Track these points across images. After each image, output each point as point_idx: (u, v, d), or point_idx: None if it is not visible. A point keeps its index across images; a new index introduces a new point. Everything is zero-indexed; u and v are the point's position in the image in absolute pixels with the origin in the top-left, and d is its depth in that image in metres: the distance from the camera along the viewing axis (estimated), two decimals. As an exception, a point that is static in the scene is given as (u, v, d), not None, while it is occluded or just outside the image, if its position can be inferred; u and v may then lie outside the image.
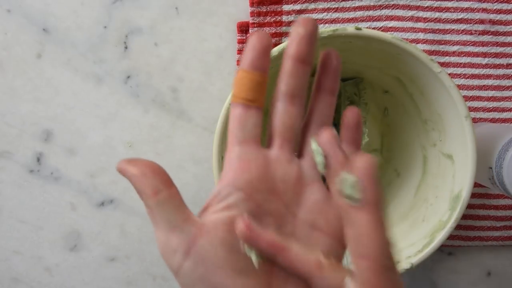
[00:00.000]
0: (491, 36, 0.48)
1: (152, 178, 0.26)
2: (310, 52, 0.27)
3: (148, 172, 0.26)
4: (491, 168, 0.41)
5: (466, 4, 0.48)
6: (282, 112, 0.28)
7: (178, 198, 0.26)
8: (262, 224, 0.26)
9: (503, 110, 0.48)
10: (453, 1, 0.48)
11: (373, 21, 0.48)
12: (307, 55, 0.27)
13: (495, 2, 0.48)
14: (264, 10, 0.48)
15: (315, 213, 0.27)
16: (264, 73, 0.27)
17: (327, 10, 0.48)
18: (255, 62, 0.27)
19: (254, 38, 0.27)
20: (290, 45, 0.27)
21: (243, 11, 0.49)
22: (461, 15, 0.48)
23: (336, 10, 0.48)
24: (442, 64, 0.48)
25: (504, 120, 0.48)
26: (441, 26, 0.48)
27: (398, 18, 0.48)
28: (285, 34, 0.48)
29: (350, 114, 0.28)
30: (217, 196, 0.26)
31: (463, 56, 0.48)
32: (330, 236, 0.27)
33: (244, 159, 0.27)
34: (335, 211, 0.27)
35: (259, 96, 0.27)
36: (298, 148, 0.29)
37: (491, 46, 0.48)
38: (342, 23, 0.48)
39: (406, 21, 0.48)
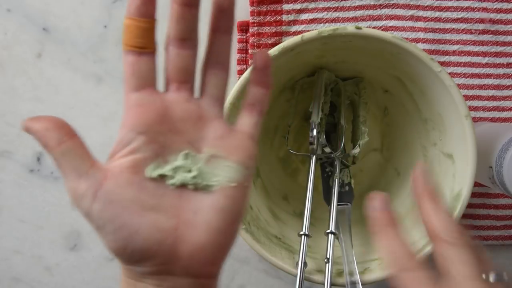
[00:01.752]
0: (491, 35, 0.48)
1: (55, 130, 0.27)
2: None
3: (50, 126, 0.27)
4: (491, 167, 0.41)
5: (466, 3, 0.48)
6: (174, 56, 0.28)
7: (83, 147, 0.28)
8: (168, 162, 0.27)
9: (503, 109, 0.48)
10: (453, 1, 0.48)
11: (373, 20, 0.48)
12: None
13: (495, 2, 0.48)
14: (264, 9, 0.48)
15: (218, 146, 0.28)
16: (151, 19, 0.28)
17: (327, 9, 0.48)
18: (140, 8, 0.27)
19: None
20: None
21: (243, 10, 0.49)
22: (461, 14, 0.48)
23: (336, 9, 0.48)
24: (442, 64, 0.48)
25: (504, 119, 0.48)
26: (441, 25, 0.48)
27: (398, 18, 0.48)
28: (285, 33, 0.48)
29: (259, 56, 0.29)
30: (120, 143, 0.28)
31: (463, 55, 0.48)
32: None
33: (142, 104, 0.28)
34: (236, 143, 0.29)
35: (148, 42, 0.28)
36: (199, 87, 0.30)
37: (491, 45, 0.48)
38: (342, 22, 0.48)
39: (406, 20, 0.48)
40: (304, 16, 0.48)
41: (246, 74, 0.40)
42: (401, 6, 0.48)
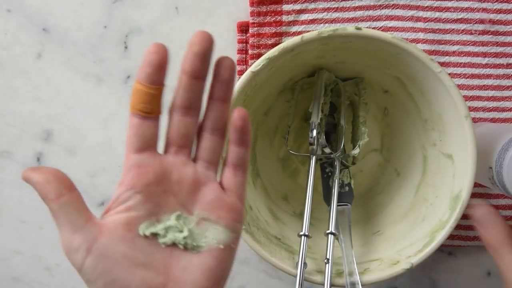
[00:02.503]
0: (491, 35, 0.48)
1: (54, 183, 0.28)
2: (204, 69, 0.29)
3: (51, 178, 0.28)
4: (491, 168, 0.41)
5: (466, 4, 0.48)
6: (177, 123, 0.30)
7: (80, 201, 0.28)
8: (160, 221, 0.29)
9: (503, 110, 0.48)
10: (453, 1, 0.48)
11: (373, 21, 0.48)
12: (201, 71, 0.29)
13: (495, 2, 0.48)
14: (264, 10, 0.48)
15: (208, 210, 0.30)
16: (160, 85, 0.28)
17: (327, 9, 0.48)
18: (151, 76, 0.28)
19: (151, 52, 0.28)
20: (185, 61, 0.29)
21: (243, 10, 0.49)
22: (461, 15, 0.48)
23: (336, 9, 0.48)
24: (442, 64, 0.48)
25: (504, 120, 0.48)
26: (441, 26, 0.48)
27: (398, 18, 0.48)
28: (285, 33, 0.48)
29: (237, 115, 0.30)
30: (117, 200, 0.28)
31: (463, 55, 0.48)
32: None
33: (141, 165, 0.29)
34: (225, 207, 0.30)
35: (155, 108, 0.29)
36: (194, 152, 0.31)
37: (491, 45, 0.48)
38: (342, 23, 0.48)
39: (406, 21, 0.48)
40: (304, 17, 0.48)
41: (245, 76, 0.40)
42: (401, 7, 0.48)
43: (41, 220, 0.51)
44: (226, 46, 0.50)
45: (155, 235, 0.29)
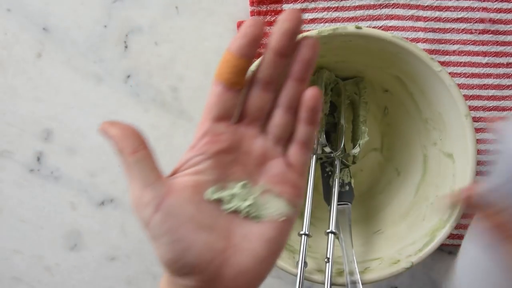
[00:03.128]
0: (491, 35, 0.48)
1: (132, 138, 0.28)
2: (289, 46, 0.29)
3: (128, 133, 0.29)
4: None
5: (466, 3, 0.48)
6: (255, 97, 0.30)
7: (153, 159, 0.29)
8: (226, 188, 0.30)
9: (503, 109, 0.48)
10: (453, 0, 0.48)
11: (373, 20, 0.48)
12: (287, 49, 0.29)
13: (495, 1, 0.48)
14: (264, 9, 0.48)
15: (272, 183, 0.30)
16: (249, 60, 0.29)
17: (327, 9, 0.48)
18: (243, 49, 0.28)
19: (248, 25, 0.28)
20: (272, 38, 0.29)
21: (243, 10, 0.49)
22: (461, 14, 0.48)
23: (336, 9, 0.48)
24: (442, 63, 0.48)
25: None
26: (441, 25, 0.48)
27: (398, 17, 0.48)
28: (285, 33, 0.48)
29: (310, 95, 0.30)
30: (187, 163, 0.29)
31: (463, 55, 0.48)
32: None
33: (216, 133, 0.30)
34: (289, 182, 0.31)
35: (239, 80, 0.29)
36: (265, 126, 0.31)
37: (491, 45, 0.48)
38: (342, 22, 0.48)
39: (406, 20, 0.48)
40: (304, 16, 0.48)
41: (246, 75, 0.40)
42: (401, 6, 0.48)
43: (41, 220, 0.51)
44: (226, 46, 0.50)
45: (220, 201, 0.29)
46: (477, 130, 0.48)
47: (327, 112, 0.46)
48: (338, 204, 0.44)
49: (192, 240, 0.28)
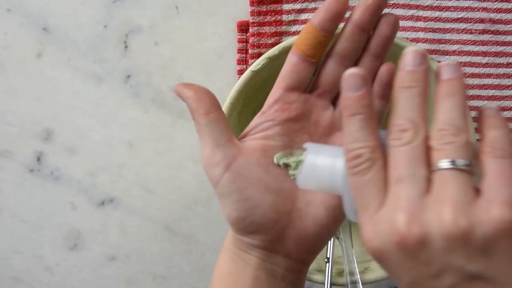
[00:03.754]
0: (491, 35, 0.48)
1: (205, 100, 0.30)
2: (371, 21, 0.29)
3: (202, 95, 0.30)
4: None
5: (466, 3, 0.48)
6: (331, 69, 0.31)
7: (225, 120, 0.30)
8: (293, 155, 0.31)
9: (503, 109, 0.48)
10: (453, 0, 0.48)
11: (373, 20, 0.48)
12: (368, 24, 0.29)
13: (495, 1, 0.48)
14: (264, 9, 0.48)
15: None
16: (330, 34, 0.30)
17: (327, 9, 0.48)
18: (324, 23, 0.29)
19: (333, 1, 0.29)
20: (355, 11, 0.29)
21: (243, 10, 0.49)
22: (461, 14, 0.48)
23: (336, 9, 0.48)
24: (442, 63, 0.48)
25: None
26: (441, 25, 0.48)
27: (398, 17, 0.48)
28: (285, 33, 0.48)
29: (385, 70, 0.30)
30: (256, 128, 0.31)
31: (463, 55, 0.48)
32: None
33: (287, 102, 0.31)
34: None
35: (316, 54, 0.30)
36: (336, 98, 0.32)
37: (491, 45, 0.48)
38: (343, 22, 0.48)
39: (406, 20, 0.48)
40: (304, 16, 0.48)
41: (245, 75, 0.40)
42: (401, 6, 0.48)
43: (41, 220, 0.51)
44: (226, 46, 0.50)
45: (286, 166, 0.30)
46: (477, 130, 0.48)
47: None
48: (338, 204, 0.44)
49: (259, 200, 0.29)
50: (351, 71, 0.26)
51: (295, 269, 0.31)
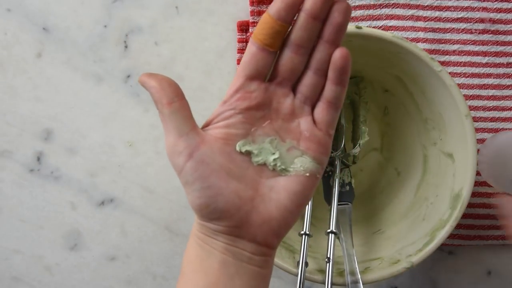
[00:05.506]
0: (491, 35, 0.48)
1: (168, 90, 0.30)
2: (323, 9, 0.30)
3: (165, 85, 0.30)
4: None
5: (466, 3, 0.48)
6: (287, 58, 0.31)
7: (188, 110, 0.31)
8: (256, 142, 0.32)
9: (503, 109, 0.48)
10: (453, 0, 0.48)
11: (373, 20, 0.48)
12: (321, 12, 0.30)
13: (495, 1, 0.48)
14: (264, 9, 0.48)
15: (299, 140, 0.32)
16: (286, 23, 0.30)
17: (327, 9, 0.48)
18: (281, 12, 0.29)
19: None
20: (307, 1, 0.30)
21: (243, 10, 0.49)
22: (461, 14, 0.48)
23: (336, 9, 0.48)
24: (443, 63, 0.48)
25: (504, 119, 0.48)
26: (441, 25, 0.48)
27: (398, 17, 0.48)
28: (285, 33, 0.48)
29: (339, 55, 0.31)
30: (219, 116, 0.31)
31: (463, 55, 0.48)
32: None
33: (248, 91, 0.31)
34: (315, 140, 0.32)
35: (274, 43, 0.30)
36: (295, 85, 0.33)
37: (491, 45, 0.48)
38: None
39: (406, 20, 0.48)
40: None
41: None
42: (401, 6, 0.48)
43: (41, 220, 0.51)
44: (226, 45, 0.50)
45: (249, 153, 0.31)
46: (477, 130, 0.48)
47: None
48: (338, 204, 0.44)
49: (222, 187, 0.30)
50: None
51: (261, 252, 0.32)
